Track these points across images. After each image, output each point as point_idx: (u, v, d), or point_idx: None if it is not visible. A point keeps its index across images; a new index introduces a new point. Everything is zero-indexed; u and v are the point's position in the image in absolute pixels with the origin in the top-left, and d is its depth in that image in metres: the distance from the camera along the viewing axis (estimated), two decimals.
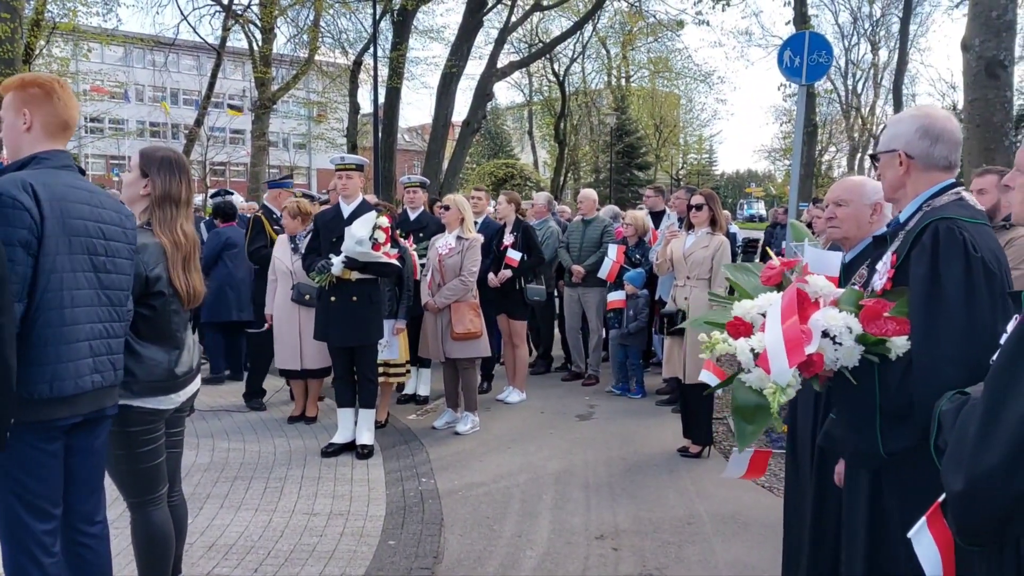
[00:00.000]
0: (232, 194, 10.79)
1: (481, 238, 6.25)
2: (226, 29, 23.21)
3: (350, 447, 5.50)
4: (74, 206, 2.47)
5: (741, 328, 1.99)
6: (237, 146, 41.18)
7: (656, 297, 6.93)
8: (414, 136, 52.44)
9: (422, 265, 6.38)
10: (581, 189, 9.11)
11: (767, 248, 6.42)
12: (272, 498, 4.64)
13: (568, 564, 3.85)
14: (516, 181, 31.99)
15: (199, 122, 25.62)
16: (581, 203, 7.90)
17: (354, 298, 5.27)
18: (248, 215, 8.05)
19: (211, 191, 17.42)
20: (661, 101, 39.72)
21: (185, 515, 3.24)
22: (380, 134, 17.90)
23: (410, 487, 4.85)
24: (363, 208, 5.37)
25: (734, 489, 4.84)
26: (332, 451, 5.43)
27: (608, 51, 32.44)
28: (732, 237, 10.36)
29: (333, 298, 5.29)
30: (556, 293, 8.39)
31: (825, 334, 1.87)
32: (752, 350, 1.91)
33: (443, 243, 6.06)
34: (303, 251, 5.70)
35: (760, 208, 40.84)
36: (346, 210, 5.39)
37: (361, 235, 5.05)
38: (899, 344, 1.88)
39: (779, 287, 2.10)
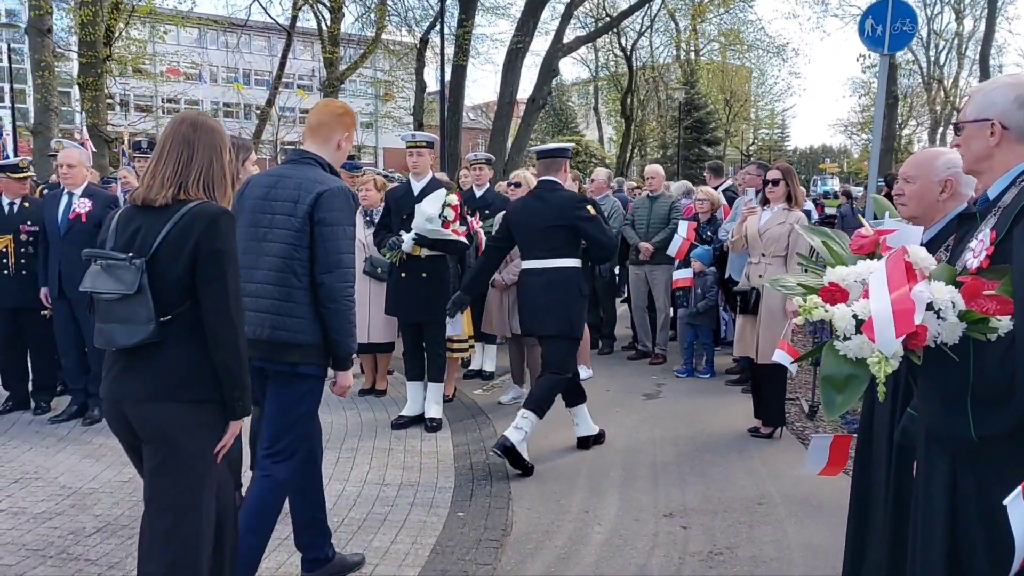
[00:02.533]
0: None
1: None
2: (296, 9, 23.55)
3: (419, 420, 5.58)
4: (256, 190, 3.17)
5: (837, 294, 1.91)
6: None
7: (725, 275, 6.80)
8: (479, 114, 52.42)
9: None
10: (648, 165, 8.95)
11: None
12: (345, 468, 4.75)
13: (636, 541, 3.83)
14: (581, 158, 31.77)
15: (270, 102, 26.14)
16: (651, 179, 7.77)
17: (424, 274, 5.32)
18: None
19: None
20: (732, 75, 38.70)
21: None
22: (446, 112, 17.94)
23: (478, 460, 4.89)
24: (433, 185, 5.39)
25: None
26: (402, 423, 5.53)
27: (677, 24, 31.70)
28: (808, 215, 10.10)
29: (404, 274, 5.35)
30: (619, 271, 8.31)
31: (929, 307, 1.79)
32: (855, 316, 1.84)
33: None
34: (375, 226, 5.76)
35: (835, 184, 39.58)
36: (416, 187, 5.41)
37: (431, 213, 5.09)
38: (1003, 324, 1.79)
39: (871, 256, 2.02)
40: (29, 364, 5.95)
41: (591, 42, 27.13)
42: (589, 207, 4.89)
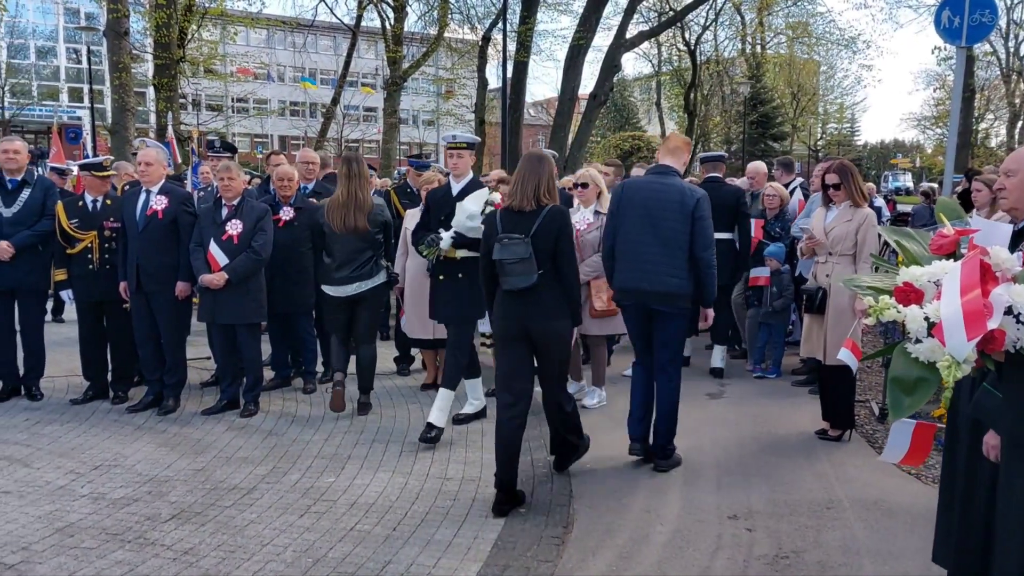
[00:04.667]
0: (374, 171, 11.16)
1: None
2: (361, 9, 23.91)
3: (480, 415, 5.62)
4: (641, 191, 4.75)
5: (912, 295, 1.86)
6: (370, 124, 42.46)
7: (796, 273, 6.66)
8: (539, 110, 52.36)
9: None
10: (750, 163, 8.73)
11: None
12: (407, 461, 4.81)
13: (700, 542, 3.79)
14: (643, 153, 31.47)
15: (335, 100, 26.60)
16: (753, 177, 7.66)
17: (460, 275, 5.20)
18: (382, 191, 8.30)
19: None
20: (799, 68, 37.82)
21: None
22: (507, 109, 17.98)
23: (539, 457, 4.90)
24: (473, 186, 5.31)
25: (877, 474, 4.62)
26: (462, 419, 5.56)
27: (743, 17, 31.10)
28: (877, 211, 9.82)
29: (441, 276, 5.26)
30: None
31: (1008, 311, 1.73)
32: (927, 319, 1.79)
33: (580, 218, 5.98)
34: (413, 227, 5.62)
35: (907, 180, 38.32)
36: (456, 188, 5.32)
37: (473, 210, 4.98)
38: None
39: (950, 257, 1.96)
40: (108, 355, 6.18)
41: (654, 37, 26.82)
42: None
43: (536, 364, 4.33)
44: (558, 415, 4.46)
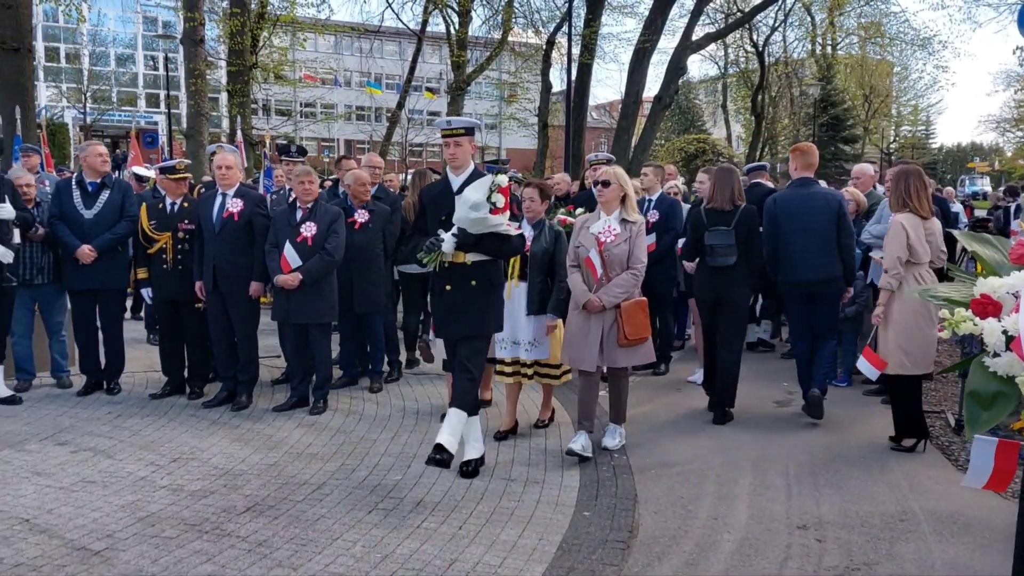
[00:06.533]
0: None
1: (644, 220, 5.25)
2: (427, 14, 24.21)
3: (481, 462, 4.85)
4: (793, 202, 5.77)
5: (989, 307, 1.81)
6: (434, 128, 42.84)
7: (867, 280, 6.50)
8: (602, 113, 52.17)
9: None
10: (856, 164, 8.46)
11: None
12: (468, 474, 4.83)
13: (768, 551, 3.74)
14: (708, 156, 31.02)
15: (400, 105, 26.97)
16: (858, 179, 7.46)
17: (473, 282, 4.47)
18: None
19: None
20: (871, 69, 36.75)
21: None
22: (571, 112, 17.98)
23: (602, 461, 4.89)
24: (475, 178, 4.52)
25: (953, 487, 4.48)
26: (471, 471, 4.66)
27: (813, 18, 30.42)
28: (955, 217, 9.50)
29: (449, 286, 4.49)
30: None
31: None
32: (1005, 332, 1.74)
33: (602, 227, 5.00)
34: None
35: (985, 184, 36.90)
36: (455, 182, 4.54)
37: (476, 198, 4.24)
38: None
39: None
40: (185, 353, 6.40)
41: (721, 38, 26.47)
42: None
43: (722, 323, 5.73)
44: (730, 369, 5.72)
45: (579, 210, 6.54)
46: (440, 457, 4.30)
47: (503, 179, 4.28)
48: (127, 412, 5.86)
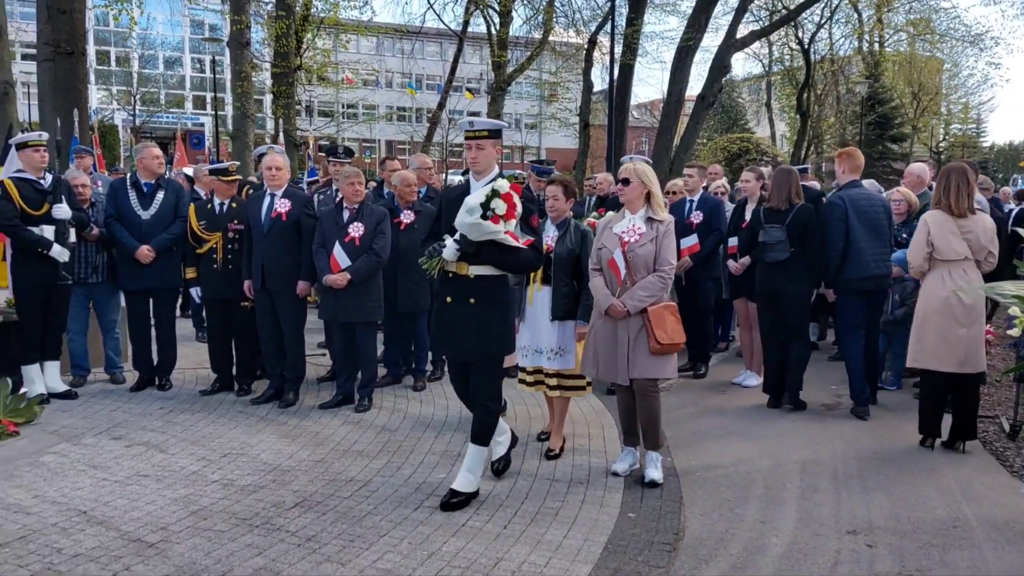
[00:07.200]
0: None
1: (673, 219, 4.76)
2: (468, 15, 24.33)
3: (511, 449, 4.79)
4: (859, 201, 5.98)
5: None
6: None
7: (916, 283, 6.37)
8: (643, 112, 51.84)
9: None
10: (911, 164, 8.29)
11: None
12: (515, 462, 4.85)
13: (817, 556, 3.69)
14: (751, 155, 30.65)
15: (441, 105, 27.13)
16: (906, 179, 7.33)
17: (471, 299, 4.13)
18: None
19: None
20: (921, 67, 35.92)
21: None
22: (613, 112, 17.90)
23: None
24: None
25: (1008, 494, 4.39)
26: (501, 468, 4.67)
27: (860, 14, 29.82)
28: (1007, 215, 9.27)
29: (449, 298, 4.20)
30: None
31: None
32: None
33: (627, 227, 4.59)
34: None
35: None
36: (475, 187, 4.21)
37: (473, 203, 3.95)
38: None
39: None
40: (233, 350, 6.52)
41: (766, 36, 26.10)
42: None
43: (785, 316, 6.02)
44: (798, 362, 6.04)
45: (609, 213, 6.45)
46: (453, 501, 4.15)
47: (504, 184, 4.00)
48: (178, 408, 5.99)
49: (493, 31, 24.14)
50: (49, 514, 4.02)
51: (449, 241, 4.06)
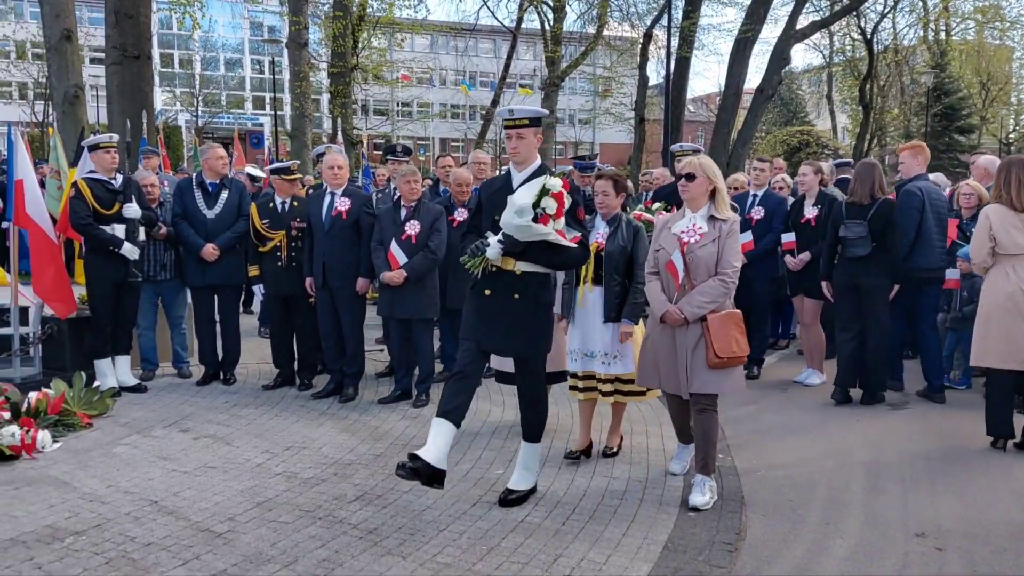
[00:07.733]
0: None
1: (738, 218, 4.43)
2: (522, 11, 24.35)
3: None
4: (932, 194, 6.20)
5: None
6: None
7: None
8: (699, 106, 51.20)
9: None
10: (976, 156, 8.05)
11: None
12: (570, 468, 4.85)
13: (884, 559, 3.60)
14: (812, 149, 30.06)
15: (495, 102, 27.21)
16: (974, 170, 7.16)
17: (516, 295, 4.01)
18: None
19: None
20: (989, 56, 34.68)
21: None
22: (669, 106, 17.72)
23: None
24: (539, 176, 4.02)
25: None
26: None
27: (925, 2, 28.96)
28: None
29: (488, 291, 4.06)
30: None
31: None
32: None
33: (685, 226, 4.26)
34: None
35: None
36: (516, 179, 4.07)
37: (523, 202, 3.82)
38: None
39: None
40: (295, 346, 6.66)
41: (827, 27, 25.51)
42: None
43: (866, 309, 5.99)
44: (876, 352, 5.97)
45: (656, 205, 6.29)
46: (511, 498, 4.15)
47: (556, 183, 3.86)
48: (242, 402, 6.14)
49: (547, 27, 24.13)
50: (122, 503, 4.17)
51: (493, 240, 3.93)
